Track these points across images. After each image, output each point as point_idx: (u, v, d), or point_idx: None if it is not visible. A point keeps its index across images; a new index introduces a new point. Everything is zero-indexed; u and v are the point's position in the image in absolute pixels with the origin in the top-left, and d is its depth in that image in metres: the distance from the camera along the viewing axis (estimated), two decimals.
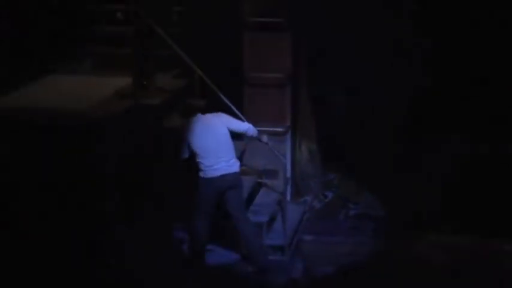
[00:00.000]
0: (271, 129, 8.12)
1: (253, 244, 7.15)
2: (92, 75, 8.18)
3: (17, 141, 6.57)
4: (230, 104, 7.55)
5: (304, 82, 8.83)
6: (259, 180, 8.15)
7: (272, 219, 7.78)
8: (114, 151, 6.81)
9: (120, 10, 8.09)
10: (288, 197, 8.32)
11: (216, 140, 6.99)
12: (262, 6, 8.16)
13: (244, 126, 7.32)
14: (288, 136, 8.52)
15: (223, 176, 6.95)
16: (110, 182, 6.80)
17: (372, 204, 8.53)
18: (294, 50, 8.46)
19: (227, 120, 7.16)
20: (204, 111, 7.22)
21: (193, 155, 7.06)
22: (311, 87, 8.93)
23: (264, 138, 7.48)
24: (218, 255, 7.43)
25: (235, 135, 7.43)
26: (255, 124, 7.67)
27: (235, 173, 7.04)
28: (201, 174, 6.93)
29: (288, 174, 8.25)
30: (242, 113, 7.65)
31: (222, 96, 7.31)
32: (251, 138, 7.50)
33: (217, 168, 6.96)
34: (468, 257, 7.55)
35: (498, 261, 7.55)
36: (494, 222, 7.85)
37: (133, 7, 7.38)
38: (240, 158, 7.97)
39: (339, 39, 8.57)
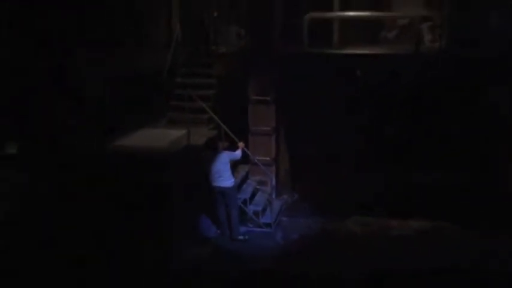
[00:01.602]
0: (263, 158, 10.76)
1: (234, 225, 9.87)
2: (166, 128, 10.80)
3: (122, 167, 9.15)
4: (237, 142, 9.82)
5: (282, 133, 11.44)
6: (257, 187, 10.98)
7: (264, 209, 10.56)
8: (176, 171, 9.44)
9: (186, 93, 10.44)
10: (273, 196, 11.03)
11: (219, 165, 9.47)
12: (258, 90, 10.93)
13: (236, 156, 9.71)
14: (273, 163, 11.16)
15: (219, 187, 9.59)
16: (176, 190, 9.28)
17: (321, 201, 10.79)
18: (277, 115, 11.09)
19: (229, 154, 9.66)
20: (218, 148, 9.61)
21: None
22: (286, 136, 11.48)
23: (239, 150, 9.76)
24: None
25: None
26: (254, 156, 10.32)
27: (227, 187, 9.55)
28: (211, 183, 9.64)
29: (273, 184, 10.99)
30: (248, 149, 10.31)
31: (237, 140, 10.06)
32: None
33: (217, 181, 9.54)
34: (376, 230, 10.06)
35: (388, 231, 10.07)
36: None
37: (192, 93, 10.18)
38: (246, 174, 10.83)
39: (306, 108, 10.68)
